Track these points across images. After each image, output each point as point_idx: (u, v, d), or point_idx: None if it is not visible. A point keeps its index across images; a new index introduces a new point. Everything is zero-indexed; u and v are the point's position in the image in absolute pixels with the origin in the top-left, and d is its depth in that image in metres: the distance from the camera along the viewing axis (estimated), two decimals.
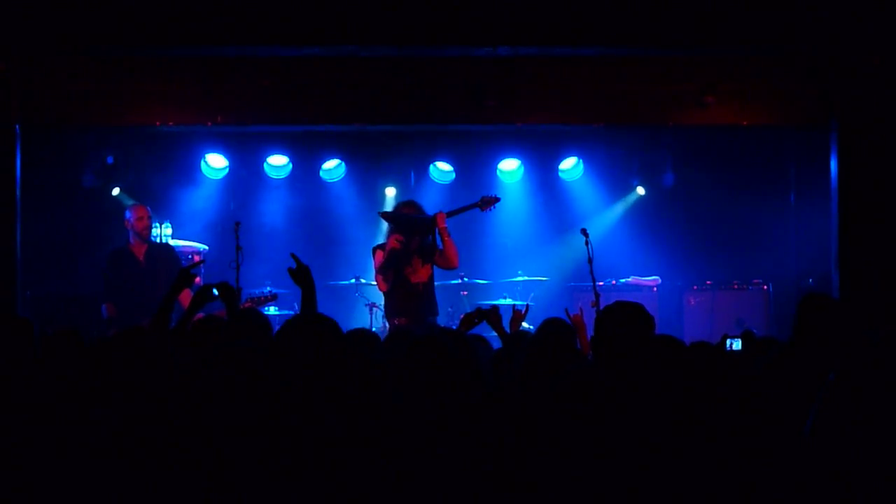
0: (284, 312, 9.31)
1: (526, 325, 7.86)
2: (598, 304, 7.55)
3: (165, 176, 10.31)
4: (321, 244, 10.40)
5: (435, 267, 7.84)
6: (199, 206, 10.40)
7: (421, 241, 7.77)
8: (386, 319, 8.10)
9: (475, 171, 10.54)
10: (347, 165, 10.57)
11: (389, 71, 8.58)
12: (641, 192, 10.79)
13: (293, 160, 10.38)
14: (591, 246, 7.60)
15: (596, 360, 3.94)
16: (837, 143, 8.37)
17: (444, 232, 7.68)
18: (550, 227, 10.84)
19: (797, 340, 4.24)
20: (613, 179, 10.79)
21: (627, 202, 10.93)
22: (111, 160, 9.80)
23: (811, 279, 9.94)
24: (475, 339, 5.13)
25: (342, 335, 3.32)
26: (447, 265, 7.82)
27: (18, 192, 8.08)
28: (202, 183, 10.39)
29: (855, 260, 8.18)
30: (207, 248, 9.82)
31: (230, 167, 10.32)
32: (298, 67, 8.57)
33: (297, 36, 7.48)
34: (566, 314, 5.72)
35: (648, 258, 10.57)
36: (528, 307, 6.64)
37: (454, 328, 6.64)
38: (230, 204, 10.51)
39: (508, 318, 6.07)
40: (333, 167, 10.58)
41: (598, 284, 7.70)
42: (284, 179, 10.50)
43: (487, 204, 8.10)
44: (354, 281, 9.58)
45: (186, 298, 6.03)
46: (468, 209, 8.05)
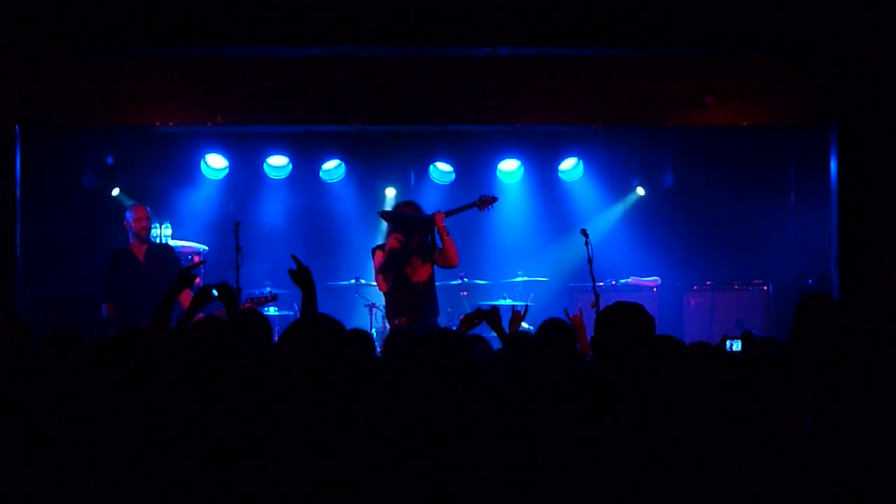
0: (284, 313, 9.31)
1: (526, 325, 7.86)
2: (597, 304, 7.54)
3: (165, 176, 10.31)
4: (321, 244, 10.40)
5: (435, 266, 7.83)
6: (198, 206, 10.40)
7: (420, 240, 7.77)
8: (386, 320, 8.10)
9: (475, 171, 10.54)
10: (347, 166, 10.57)
11: (389, 71, 8.58)
12: (641, 192, 10.79)
13: (293, 160, 10.38)
14: (590, 246, 7.60)
15: (596, 360, 3.94)
16: (837, 143, 8.37)
17: (442, 231, 7.68)
18: (550, 227, 10.84)
19: (797, 341, 4.24)
20: (613, 180, 10.79)
21: (627, 202, 10.93)
22: (111, 160, 9.81)
23: (811, 279, 9.95)
24: (475, 339, 5.13)
25: (346, 335, 3.32)
26: (447, 263, 7.81)
27: (18, 191, 8.07)
28: (202, 183, 10.38)
29: (854, 260, 8.17)
30: (207, 248, 9.81)
31: (230, 167, 10.32)
32: (298, 67, 8.57)
33: (297, 36, 7.48)
34: (566, 315, 5.72)
35: (648, 259, 10.57)
36: (526, 308, 6.64)
37: (454, 329, 6.64)
38: (230, 204, 10.50)
39: (508, 318, 6.07)
40: (333, 167, 10.58)
41: (597, 285, 7.70)
42: (284, 180, 10.50)
43: (485, 203, 8.10)
44: (354, 281, 9.57)
45: (186, 299, 6.03)
46: (466, 209, 8.05)
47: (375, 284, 8.02)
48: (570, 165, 10.71)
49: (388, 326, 8.08)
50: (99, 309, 8.22)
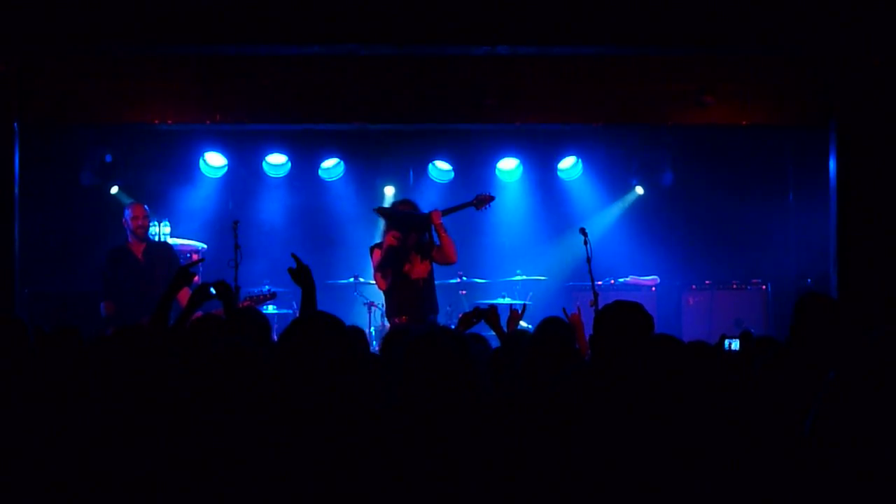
0: (283, 311, 9.31)
1: (524, 324, 7.86)
2: (596, 303, 7.53)
3: (164, 174, 10.30)
4: (320, 243, 10.40)
5: (434, 264, 7.83)
6: (197, 204, 10.39)
7: (418, 237, 7.77)
8: (385, 318, 8.09)
9: (474, 170, 10.54)
10: (346, 164, 10.57)
11: (389, 70, 8.58)
12: (640, 191, 10.79)
13: (292, 159, 10.37)
14: (589, 245, 7.60)
15: (594, 359, 3.94)
16: (836, 142, 8.37)
17: (440, 228, 7.68)
18: (549, 226, 10.83)
19: (795, 340, 4.23)
20: (612, 179, 10.79)
21: (626, 201, 10.93)
22: (110, 158, 9.79)
23: (810, 279, 9.94)
24: (473, 338, 5.12)
25: (346, 333, 3.31)
26: (445, 260, 7.81)
27: (17, 189, 8.07)
28: (201, 181, 10.38)
29: (853, 260, 8.18)
30: (206, 246, 9.80)
31: (229, 166, 10.31)
32: (298, 66, 8.57)
33: (296, 35, 7.48)
34: (564, 314, 5.71)
35: (647, 258, 10.56)
36: (524, 306, 6.63)
37: (452, 327, 6.63)
38: (229, 202, 10.50)
39: (506, 317, 6.06)
40: (332, 166, 10.58)
41: (596, 284, 7.69)
42: (283, 178, 10.49)
43: (482, 202, 8.10)
44: (353, 280, 9.57)
45: (185, 297, 6.02)
46: (463, 208, 8.05)
47: (374, 283, 8.02)
48: (569, 164, 10.71)
49: (387, 325, 8.07)
50: (98, 307, 8.22)
